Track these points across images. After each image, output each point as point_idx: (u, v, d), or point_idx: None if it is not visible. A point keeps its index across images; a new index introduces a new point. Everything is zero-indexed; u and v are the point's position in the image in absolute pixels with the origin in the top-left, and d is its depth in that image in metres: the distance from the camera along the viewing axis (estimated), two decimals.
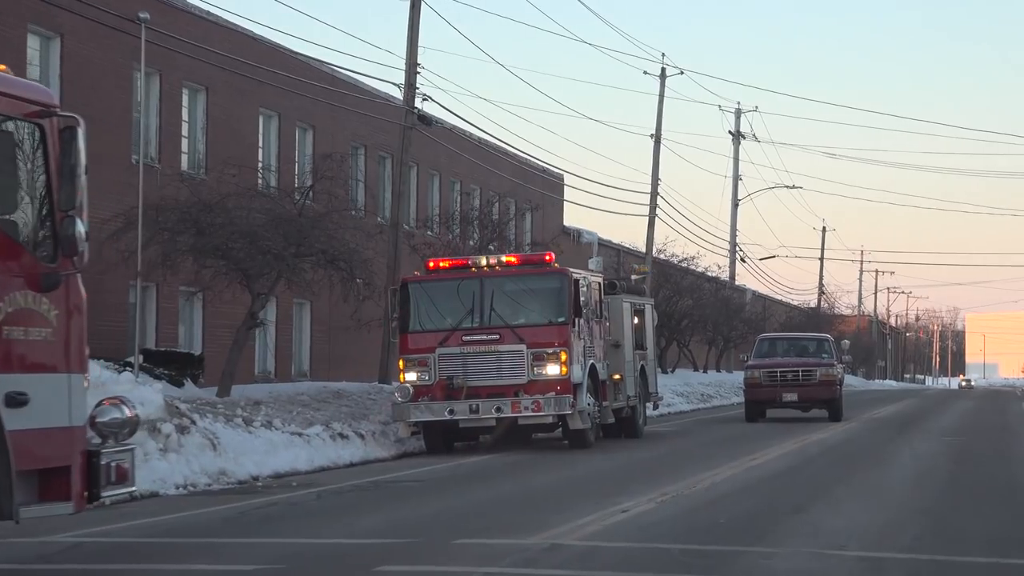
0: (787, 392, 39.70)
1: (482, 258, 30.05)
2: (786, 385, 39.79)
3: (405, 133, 38.55)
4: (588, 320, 29.80)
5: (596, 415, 30.01)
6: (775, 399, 40.00)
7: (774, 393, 39.92)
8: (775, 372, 40.20)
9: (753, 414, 40.48)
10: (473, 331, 28.87)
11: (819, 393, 39.95)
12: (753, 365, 41.18)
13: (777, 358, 41.33)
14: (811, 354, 41.87)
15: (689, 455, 28.03)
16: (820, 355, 41.67)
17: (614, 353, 32.48)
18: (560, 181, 62.99)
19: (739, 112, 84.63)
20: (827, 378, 40.08)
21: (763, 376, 40.20)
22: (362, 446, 28.12)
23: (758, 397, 40.37)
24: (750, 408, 40.72)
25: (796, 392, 39.72)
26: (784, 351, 42.42)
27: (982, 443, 32.03)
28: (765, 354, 41.99)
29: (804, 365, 40.30)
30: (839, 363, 42.17)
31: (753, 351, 43.09)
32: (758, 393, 40.31)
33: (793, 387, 39.75)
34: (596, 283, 31.19)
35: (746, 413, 40.81)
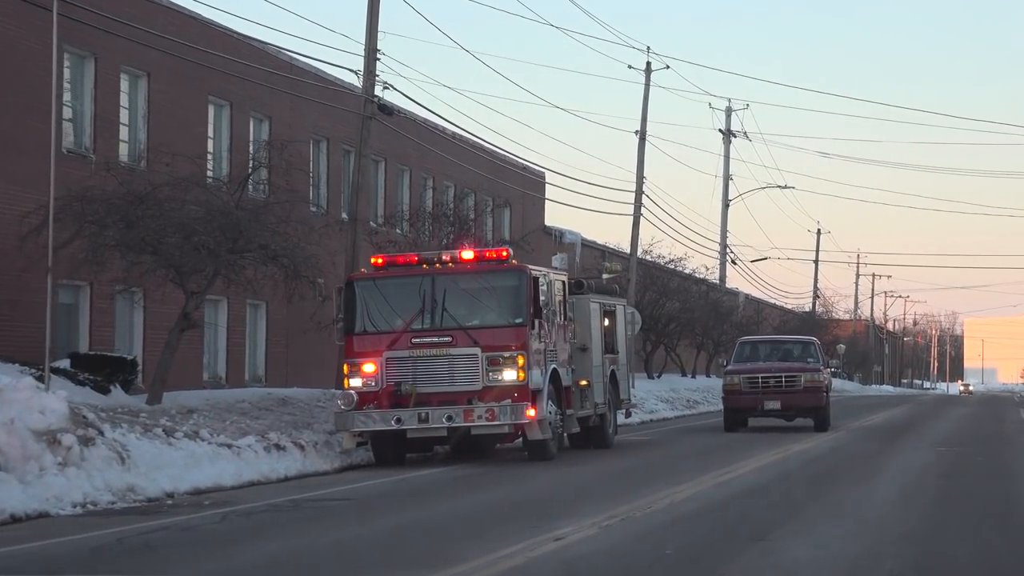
0: (769, 400, 36.72)
1: (435, 254, 27.73)
2: (768, 392, 36.84)
3: (364, 123, 36.21)
4: (549, 321, 27.49)
5: (559, 424, 27.70)
6: (756, 407, 36.99)
7: (755, 401, 36.90)
8: (756, 378, 37.11)
9: (733, 423, 37.61)
10: (424, 333, 26.58)
11: (804, 401, 36.88)
12: (733, 370, 38.20)
13: (759, 363, 38.23)
14: (796, 358, 38.71)
15: (656, 468, 25.75)
16: (805, 359, 38.57)
17: (581, 357, 30.18)
18: (541, 179, 60.65)
19: (730, 110, 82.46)
20: (812, 384, 37.02)
21: (743, 382, 37.18)
22: (301, 458, 25.80)
23: (738, 405, 37.37)
24: (729, 417, 37.74)
25: (779, 400, 36.72)
26: (767, 355, 39.21)
27: (977, 454, 29.74)
28: (746, 358, 38.89)
29: (788, 370, 37.24)
30: (826, 368, 39.15)
31: (733, 355, 40.09)
32: (738, 401, 37.33)
33: (776, 394, 36.80)
34: (559, 282, 28.88)
35: (725, 422, 37.84)
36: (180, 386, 32.51)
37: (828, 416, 37.69)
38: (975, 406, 67.71)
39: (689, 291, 67.93)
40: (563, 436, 28.39)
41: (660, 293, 66.11)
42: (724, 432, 37.11)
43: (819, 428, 36.92)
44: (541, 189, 61.36)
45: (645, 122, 61.87)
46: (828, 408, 37.79)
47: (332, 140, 42.79)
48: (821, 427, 36.97)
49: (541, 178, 60.58)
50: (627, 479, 23.39)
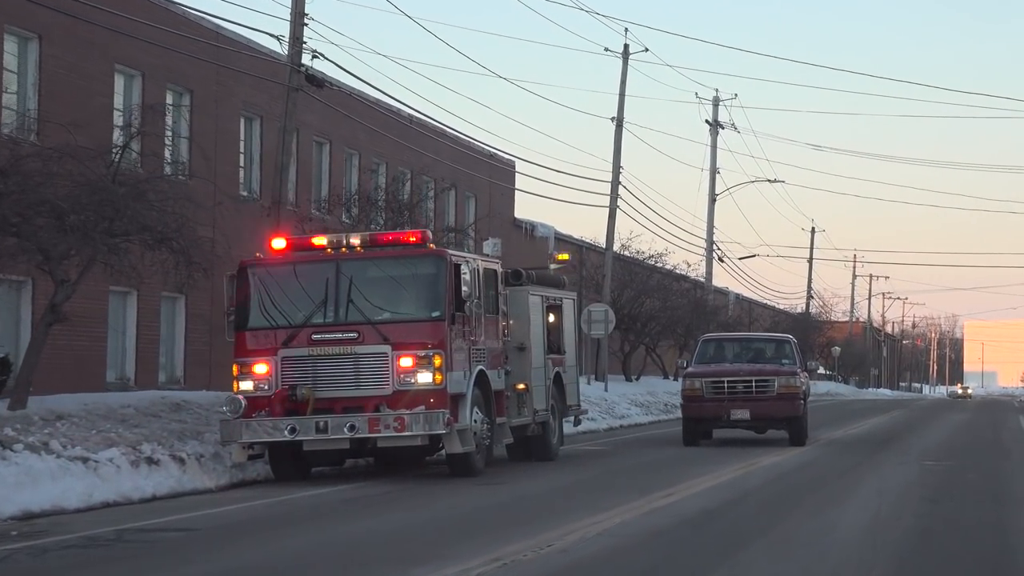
0: (736, 408, 31.32)
1: (342, 236, 23.98)
2: (735, 399, 31.45)
3: (290, 95, 32.44)
4: (476, 315, 23.75)
5: (486, 435, 23.96)
6: (721, 417, 31.60)
7: (719, 409, 31.48)
8: (721, 383, 31.69)
9: (693, 436, 32.03)
10: (326, 328, 22.87)
11: (777, 410, 31.42)
12: (694, 373, 32.42)
13: (725, 364, 32.84)
14: (768, 359, 33.20)
15: (591, 488, 22.02)
16: (779, 361, 33.02)
17: (518, 358, 26.47)
18: (511, 168, 56.91)
19: (717, 100, 78.55)
20: (787, 390, 31.53)
21: (706, 388, 31.65)
22: (178, 474, 22.07)
23: (699, 414, 31.85)
24: (689, 429, 32.09)
25: (748, 408, 31.28)
26: (735, 356, 33.66)
27: (969, 469, 26.04)
28: (710, 359, 33.33)
29: (759, 374, 31.84)
30: (803, 371, 33.46)
31: (695, 355, 34.06)
32: (699, 409, 31.78)
33: (744, 402, 31.40)
34: (491, 270, 25.14)
35: (684, 434, 32.25)
36: (79, 388, 28.84)
37: (805, 427, 32.46)
38: (972, 412, 63.97)
39: (670, 289, 64.11)
40: (491, 448, 24.64)
41: (639, 291, 62.42)
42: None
43: (795, 441, 31.64)
44: (511, 179, 57.65)
45: (622, 108, 58.27)
46: (805, 418, 32.55)
47: (267, 118, 39.01)
48: (797, 440, 31.68)
49: (511, 167, 56.87)
50: (546, 503, 19.67)
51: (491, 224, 55.50)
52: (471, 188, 54.52)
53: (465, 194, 54.43)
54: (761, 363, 32.87)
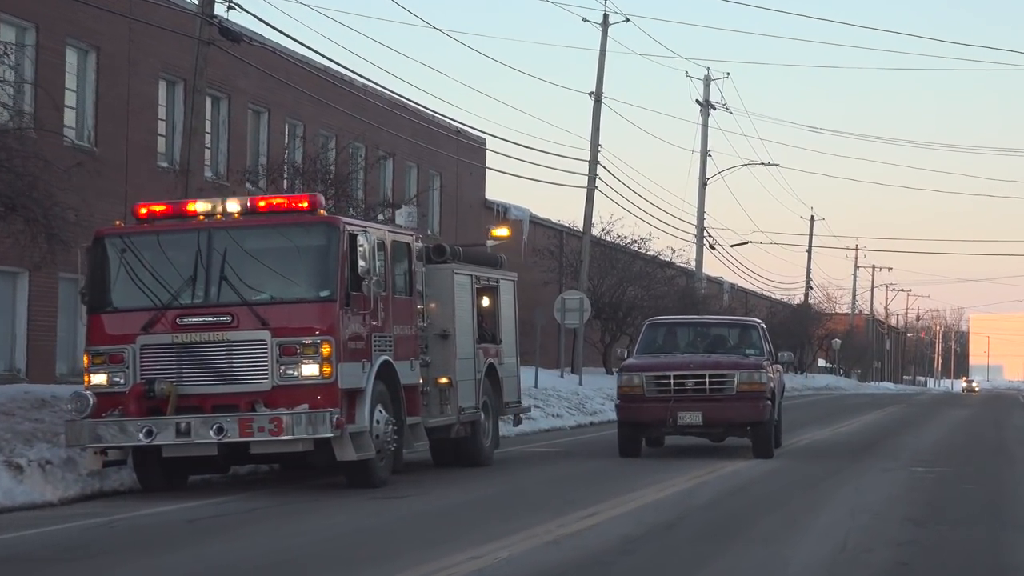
0: (685, 410, 24.89)
1: (217, 202, 20.17)
2: (684, 399, 24.97)
3: (200, 50, 28.60)
4: (378, 296, 19.96)
5: (391, 438, 20.18)
6: (665, 421, 25.11)
7: (663, 412, 24.88)
8: (666, 378, 25.11)
9: (630, 445, 25.60)
10: (194, 310, 19.13)
11: (736, 412, 25.01)
12: (632, 366, 25.82)
13: (674, 355, 26.30)
14: (730, 348, 27.01)
15: (502, 505, 18.24)
16: (742, 351, 26.66)
17: (440, 347, 22.73)
18: (481, 145, 53.12)
19: (708, 79, 74.71)
20: (750, 388, 25.05)
21: (647, 384, 25.03)
22: (11, 484, 18.35)
23: (637, 418, 25.31)
24: (625, 436, 25.62)
25: (699, 410, 24.88)
26: (689, 344, 27.17)
27: (965, 478, 22.31)
28: (657, 348, 26.85)
29: (715, 367, 25.34)
30: (774, 363, 27.26)
31: (638, 342, 27.44)
32: (638, 412, 25.21)
33: (695, 402, 24.97)
34: (402, 243, 21.36)
35: (619, 443, 25.73)
36: None
37: (772, 434, 25.91)
38: (975, 408, 60.16)
39: (653, 276, 60.26)
40: (399, 454, 20.83)
41: (621, 278, 58.64)
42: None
43: (759, 452, 25.27)
44: (481, 157, 53.83)
45: (601, 82, 54.37)
46: (772, 423, 25.87)
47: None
48: (762, 450, 25.29)
49: (481, 144, 53.07)
50: (434, 526, 15.92)
51: (458, 205, 51.81)
52: (435, 166, 50.72)
53: (429, 172, 50.60)
54: (720, 354, 26.56)
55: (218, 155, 36.92)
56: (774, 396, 26.28)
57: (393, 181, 46.93)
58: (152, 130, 34.09)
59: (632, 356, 26.84)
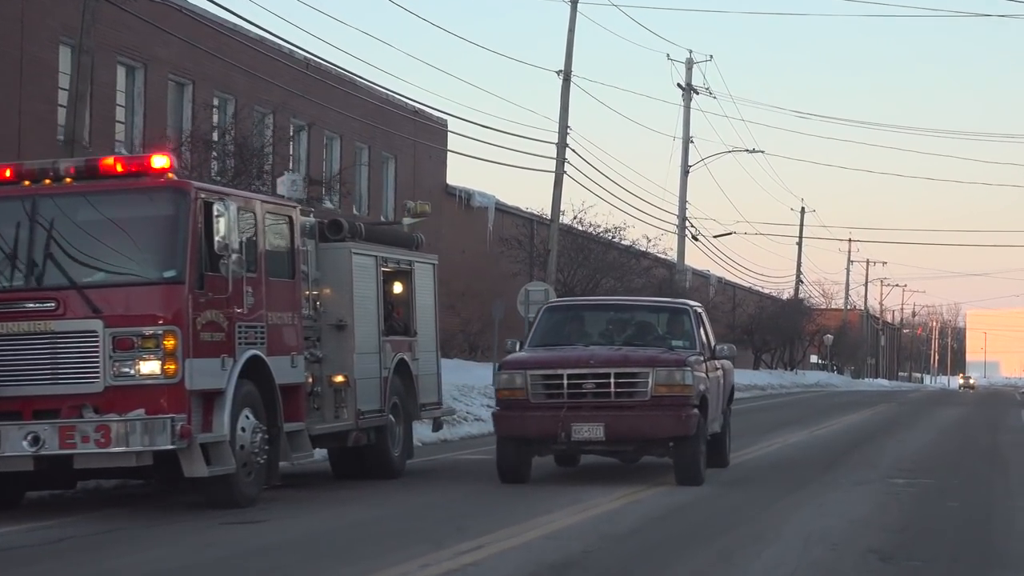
0: (583, 421, 18.72)
1: (48, 163, 16.74)
2: (581, 407, 18.85)
3: (88, 5, 25.26)
4: (242, 277, 16.57)
5: (260, 449, 16.81)
6: (555, 435, 18.77)
7: (552, 423, 18.71)
8: (557, 378, 18.97)
9: (513, 467, 19.46)
10: (12, 295, 15.79)
11: (651, 424, 18.80)
12: (515, 362, 19.52)
13: (574, 348, 19.96)
14: (654, 339, 20.66)
15: (372, 535, 14.80)
16: (665, 343, 20.44)
17: (335, 339, 19.39)
18: (442, 127, 49.70)
19: (690, 62, 71.40)
20: (670, 391, 18.84)
21: (532, 386, 18.94)
22: None
23: (520, 431, 19.11)
24: (506, 454, 19.47)
25: (602, 421, 18.71)
26: (602, 333, 20.85)
27: (950, 492, 19.03)
28: (560, 339, 20.53)
29: (622, 364, 19.07)
30: (709, 358, 20.65)
31: (532, 332, 21.05)
32: (520, 423, 19.01)
33: (596, 411, 18.83)
34: (281, 216, 17.96)
35: (499, 464, 19.56)
36: None
37: (703, 452, 19.48)
38: (969, 406, 56.82)
39: (627, 266, 56.90)
40: (274, 467, 17.41)
41: (594, 269, 55.32)
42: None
43: (684, 477, 19.11)
44: (442, 139, 50.42)
45: (570, 60, 50.93)
46: (704, 437, 19.58)
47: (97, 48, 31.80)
48: (688, 474, 19.10)
49: (442, 126, 49.66)
50: (277, 563, 12.56)
51: (416, 190, 48.45)
52: (390, 148, 47.32)
53: (382, 155, 47.20)
54: (639, 346, 20.15)
55: (133, 129, 33.54)
56: (706, 402, 19.60)
57: (341, 163, 43.56)
58: (51, 100, 30.67)
59: (524, 348, 20.38)
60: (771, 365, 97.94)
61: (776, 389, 75.80)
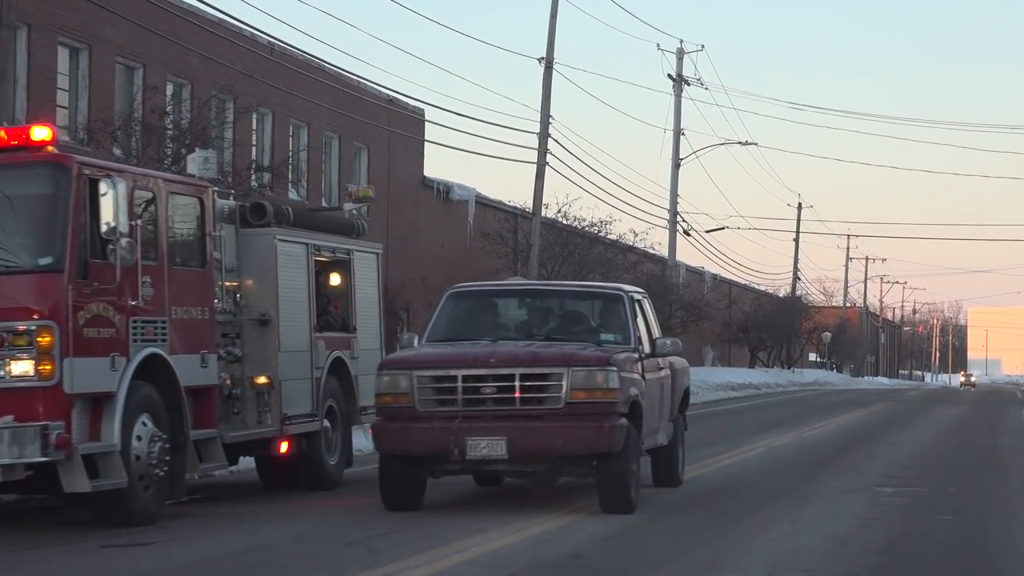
0: (481, 435, 15.20)
1: None
2: (479, 416, 15.35)
3: None
4: (140, 266, 14.58)
5: (159, 459, 14.82)
6: (447, 452, 15.26)
7: (444, 438, 15.19)
8: (450, 380, 15.45)
9: (399, 491, 15.83)
10: None
11: (566, 439, 15.22)
12: (399, 361, 16.08)
13: (476, 344, 16.27)
14: (581, 333, 16.91)
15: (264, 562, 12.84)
16: (596, 336, 16.81)
17: (257, 336, 17.41)
18: (419, 116, 47.65)
19: (681, 52, 69.42)
20: (590, 397, 15.25)
21: (421, 390, 15.48)
22: None
23: (404, 446, 15.56)
24: (391, 474, 15.82)
25: (504, 435, 15.16)
26: (519, 326, 17.21)
27: (943, 503, 17.12)
28: (463, 332, 16.87)
29: (530, 362, 15.50)
30: (650, 355, 17.00)
31: (432, 322, 17.29)
32: (403, 437, 15.50)
33: (498, 421, 15.31)
34: (189, 198, 15.97)
35: (382, 488, 15.88)
36: None
37: (631, 475, 15.56)
38: (968, 405, 54.89)
39: (614, 262, 54.86)
40: (178, 480, 15.41)
41: (580, 264, 53.26)
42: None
43: (609, 503, 15.48)
44: (419, 129, 48.39)
45: (552, 47, 48.89)
46: (636, 453, 15.77)
47: (36, 27, 29.89)
48: (613, 501, 15.47)
49: (418, 115, 47.62)
50: None
51: (391, 183, 46.48)
52: (362, 138, 45.28)
53: (353, 144, 45.18)
54: (556, 340, 16.43)
55: (77, 114, 31.53)
56: (640, 409, 15.87)
57: (308, 152, 41.56)
58: None
59: (423, 342, 16.72)
60: (768, 363, 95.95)
61: (771, 388, 73.82)
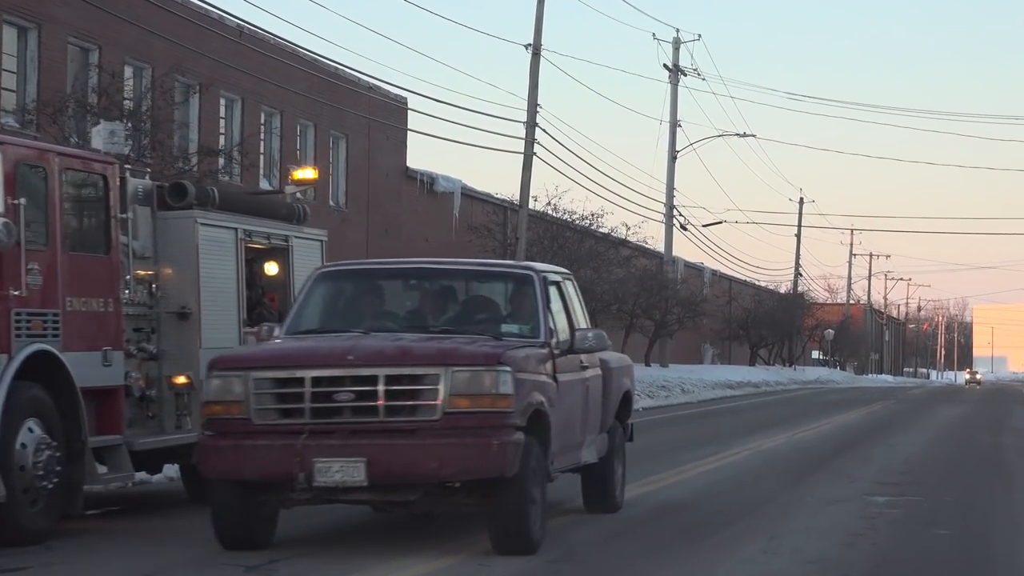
0: (333, 455, 11.53)
1: None
2: (332, 430, 11.67)
3: None
4: (25, 251, 12.82)
5: (51, 470, 13.05)
6: (292, 476, 11.58)
7: (286, 459, 11.55)
8: (297, 383, 11.80)
9: (234, 523, 12.11)
10: None
11: (442, 460, 11.54)
12: (235, 360, 12.50)
13: (339, 337, 12.67)
14: (484, 324, 13.18)
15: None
16: (496, 326, 13.14)
17: (176, 331, 15.63)
18: (401, 105, 45.97)
19: (678, 41, 67.73)
20: (474, 406, 11.63)
21: (259, 397, 11.82)
22: None
23: (237, 470, 11.88)
24: (223, 504, 12.12)
25: (364, 454, 11.50)
26: (408, 315, 13.71)
27: (939, 515, 15.41)
28: (332, 322, 13.41)
29: (397, 360, 11.82)
30: (567, 352, 13.26)
31: (293, 310, 13.80)
32: (237, 458, 11.82)
33: (355, 437, 11.62)
34: (90, 175, 14.20)
35: (214, 518, 12.16)
36: None
37: (532, 503, 11.94)
38: (972, 403, 53.15)
39: (605, 256, 53.10)
40: (73, 493, 13.64)
41: (570, 258, 51.49)
42: None
43: (504, 540, 11.91)
44: (401, 118, 46.68)
45: (540, 32, 47.26)
46: (533, 478, 11.97)
47: None
48: (508, 536, 11.91)
49: (401, 103, 45.93)
50: None
51: (371, 174, 44.79)
52: (340, 127, 43.56)
53: (331, 134, 43.46)
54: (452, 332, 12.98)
55: (25, 96, 29.82)
56: (545, 421, 12.36)
57: (282, 142, 39.87)
58: None
59: (278, 333, 13.41)
60: (768, 361, 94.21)
61: (771, 386, 72.02)
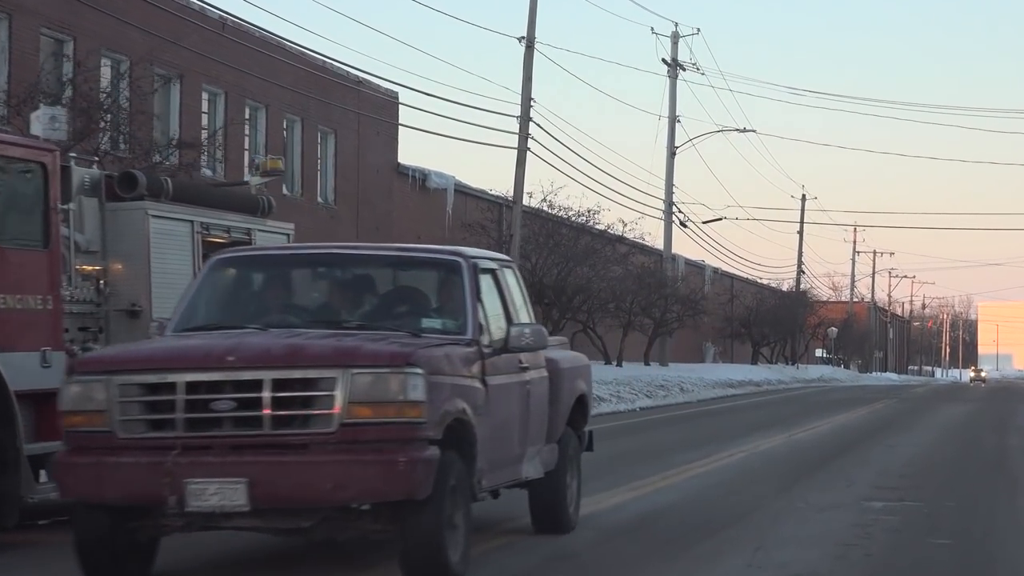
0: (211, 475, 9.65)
1: None
2: (209, 445, 9.73)
3: None
4: None
5: None
6: (162, 500, 9.69)
7: (154, 479, 9.64)
8: (168, 389, 9.79)
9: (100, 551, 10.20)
10: None
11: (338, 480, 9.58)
12: (97, 362, 10.50)
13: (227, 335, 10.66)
14: (400, 318, 11.14)
15: None
16: (416, 320, 11.14)
17: (125, 330, 14.72)
18: (392, 99, 45.01)
19: (676, 35, 66.83)
20: (378, 414, 9.66)
21: (125, 406, 9.87)
22: None
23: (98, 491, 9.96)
24: (86, 529, 10.22)
25: (245, 474, 9.60)
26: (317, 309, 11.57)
27: (939, 523, 14.52)
28: (225, 317, 11.32)
29: (286, 361, 9.83)
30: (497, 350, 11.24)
31: (182, 306, 11.51)
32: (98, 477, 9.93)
33: (238, 454, 9.68)
34: (25, 163, 13.26)
35: (77, 544, 10.25)
36: None
37: (446, 528, 9.98)
38: (976, 402, 52.17)
39: (601, 253, 52.15)
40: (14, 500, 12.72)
41: (566, 256, 50.60)
42: None
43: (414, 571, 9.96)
44: (392, 113, 45.73)
45: (533, 25, 46.31)
46: (451, 500, 10.04)
47: None
48: (417, 565, 9.91)
49: (392, 98, 44.98)
50: None
51: (361, 170, 43.83)
52: (328, 122, 42.63)
53: (319, 129, 42.53)
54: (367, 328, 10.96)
55: None
56: (470, 433, 10.54)
57: (267, 137, 38.95)
58: None
59: (166, 330, 11.35)
60: (771, 359, 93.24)
61: (773, 385, 71.06)
